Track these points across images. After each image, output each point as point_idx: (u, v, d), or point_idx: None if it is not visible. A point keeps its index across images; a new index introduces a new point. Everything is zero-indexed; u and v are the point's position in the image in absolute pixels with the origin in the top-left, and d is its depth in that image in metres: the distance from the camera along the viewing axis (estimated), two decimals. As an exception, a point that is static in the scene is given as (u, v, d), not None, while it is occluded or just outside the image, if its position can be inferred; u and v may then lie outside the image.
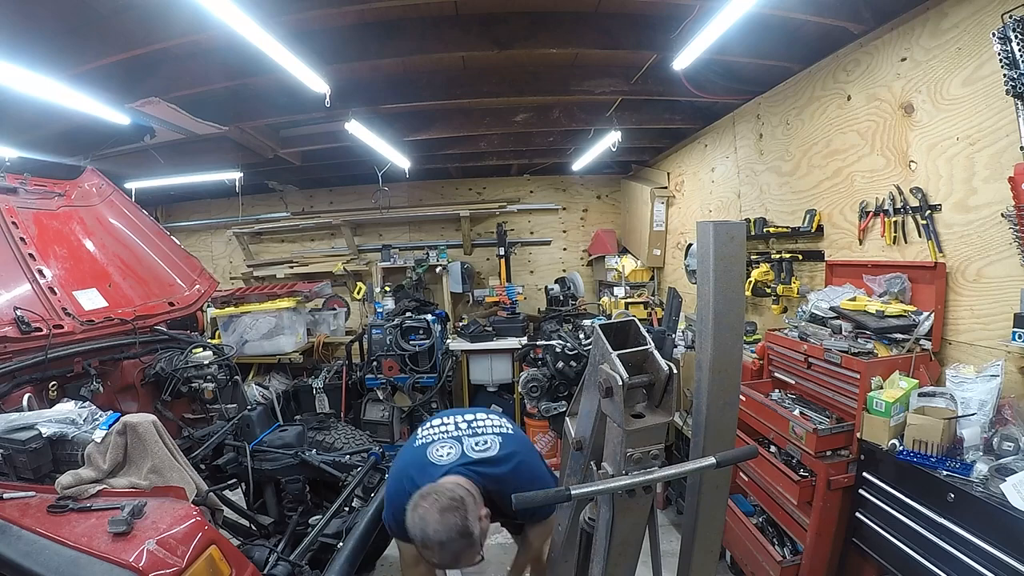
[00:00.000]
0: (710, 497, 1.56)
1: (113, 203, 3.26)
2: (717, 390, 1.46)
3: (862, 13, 2.43)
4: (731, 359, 1.46)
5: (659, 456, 1.31)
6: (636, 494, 1.31)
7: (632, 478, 1.26)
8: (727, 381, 1.47)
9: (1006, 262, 1.93)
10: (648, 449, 1.29)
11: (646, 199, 5.34)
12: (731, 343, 1.45)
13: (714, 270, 1.40)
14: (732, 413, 1.52)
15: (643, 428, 1.26)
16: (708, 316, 1.43)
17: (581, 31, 2.89)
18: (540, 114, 4.23)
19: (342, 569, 1.87)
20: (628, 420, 1.24)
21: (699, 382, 1.48)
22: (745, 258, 1.83)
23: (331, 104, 3.02)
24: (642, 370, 1.29)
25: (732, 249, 1.41)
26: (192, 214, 6.57)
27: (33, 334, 2.28)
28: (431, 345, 4.56)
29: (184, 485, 1.70)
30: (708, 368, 1.44)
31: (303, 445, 2.67)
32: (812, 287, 3.02)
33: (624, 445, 1.27)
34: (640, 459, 1.29)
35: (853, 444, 2.17)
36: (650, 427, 1.26)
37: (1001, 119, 1.89)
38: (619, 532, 1.41)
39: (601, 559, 1.43)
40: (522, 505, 1.26)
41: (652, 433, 1.28)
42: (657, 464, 1.31)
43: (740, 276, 1.46)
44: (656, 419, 1.27)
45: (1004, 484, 1.56)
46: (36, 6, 2.35)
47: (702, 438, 1.49)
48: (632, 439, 1.27)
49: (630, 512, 1.39)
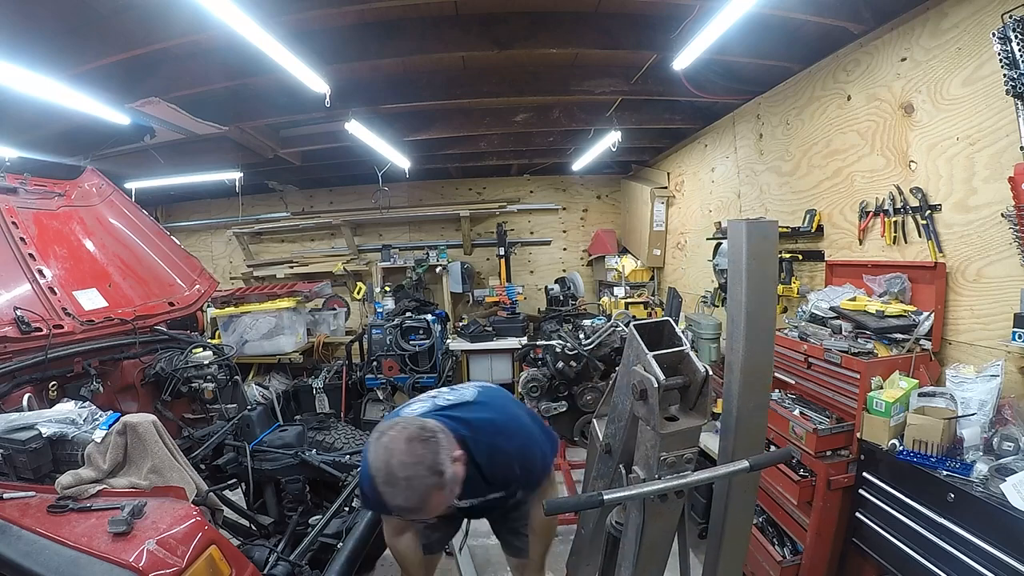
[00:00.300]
0: (739, 502, 1.52)
1: (113, 203, 3.25)
2: (748, 392, 1.43)
3: (862, 13, 2.43)
4: (763, 361, 1.44)
5: (693, 460, 1.29)
6: (668, 499, 1.29)
7: (666, 482, 1.24)
8: (759, 383, 1.44)
9: (1006, 262, 1.93)
10: (682, 453, 1.26)
11: (646, 199, 5.34)
12: (763, 344, 1.42)
13: (746, 270, 1.37)
14: (762, 416, 1.48)
15: (678, 432, 1.23)
16: (740, 317, 1.39)
17: (581, 31, 2.90)
18: (540, 114, 4.23)
19: (342, 569, 1.87)
20: (663, 423, 1.22)
21: (729, 384, 1.45)
22: (778, 258, 1.77)
23: (331, 104, 3.03)
24: (676, 371, 1.27)
25: (766, 248, 1.38)
26: (192, 214, 6.57)
27: (33, 334, 2.28)
28: (431, 345, 4.56)
29: (184, 485, 1.70)
30: (739, 370, 1.41)
31: (303, 445, 2.66)
32: (812, 287, 3.02)
33: (659, 449, 1.24)
34: (674, 463, 1.26)
35: (853, 444, 2.17)
36: (685, 430, 1.23)
37: (1001, 119, 1.89)
38: (649, 537, 1.38)
39: (630, 564, 1.40)
40: (553, 512, 1.20)
41: (687, 436, 1.25)
42: (691, 468, 1.28)
43: (773, 277, 1.44)
44: (691, 422, 1.24)
45: (1004, 484, 1.56)
46: (36, 6, 2.36)
47: (731, 441, 1.46)
48: (667, 443, 1.24)
49: (661, 517, 1.36)
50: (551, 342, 3.14)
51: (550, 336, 4.61)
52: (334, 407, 4.84)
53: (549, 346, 3.09)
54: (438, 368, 4.54)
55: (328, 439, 2.92)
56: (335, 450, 2.81)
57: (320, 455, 2.60)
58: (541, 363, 3.14)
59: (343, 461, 2.59)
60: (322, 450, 2.75)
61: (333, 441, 2.91)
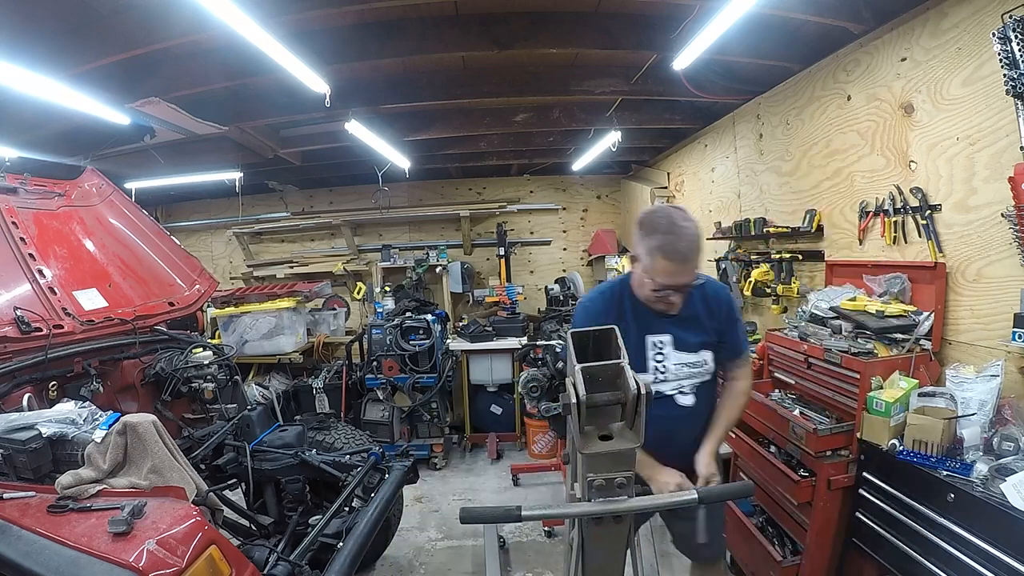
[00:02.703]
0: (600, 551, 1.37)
1: (113, 203, 3.25)
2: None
3: (862, 13, 2.43)
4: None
5: (625, 485, 1.16)
6: (604, 522, 1.20)
7: (593, 506, 1.15)
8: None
9: (1006, 262, 1.92)
10: (613, 476, 1.14)
11: (646, 199, 5.34)
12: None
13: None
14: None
15: (604, 453, 1.11)
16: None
17: (581, 31, 2.89)
18: (540, 114, 4.23)
19: (342, 569, 1.87)
20: (589, 443, 1.11)
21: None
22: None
23: (331, 104, 3.02)
24: (615, 386, 1.14)
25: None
26: (192, 214, 6.57)
27: (33, 334, 2.28)
28: (431, 345, 4.56)
29: (184, 485, 1.70)
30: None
31: (303, 445, 2.67)
32: (812, 287, 3.02)
33: (585, 469, 1.15)
34: (602, 486, 1.14)
35: (853, 444, 2.17)
36: (613, 452, 1.11)
37: (1001, 119, 1.89)
38: (592, 558, 1.32)
39: None
40: (469, 521, 1.21)
41: (616, 459, 1.13)
42: (625, 493, 1.17)
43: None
44: (621, 444, 1.11)
45: (1004, 484, 1.56)
46: (36, 6, 2.35)
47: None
48: (592, 464, 1.13)
49: (600, 539, 1.28)
50: (551, 342, 3.14)
51: (550, 336, 4.61)
52: (334, 407, 4.84)
53: (549, 346, 3.08)
54: (438, 368, 4.54)
55: (328, 439, 2.92)
56: (335, 450, 2.82)
57: (320, 455, 2.60)
58: (541, 363, 3.13)
59: (343, 461, 2.59)
60: (322, 450, 2.75)
61: (333, 441, 2.92)
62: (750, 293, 3.46)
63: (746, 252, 3.68)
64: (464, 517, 1.21)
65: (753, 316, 3.69)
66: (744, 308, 3.79)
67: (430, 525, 3.65)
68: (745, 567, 2.70)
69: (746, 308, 3.79)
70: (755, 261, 3.48)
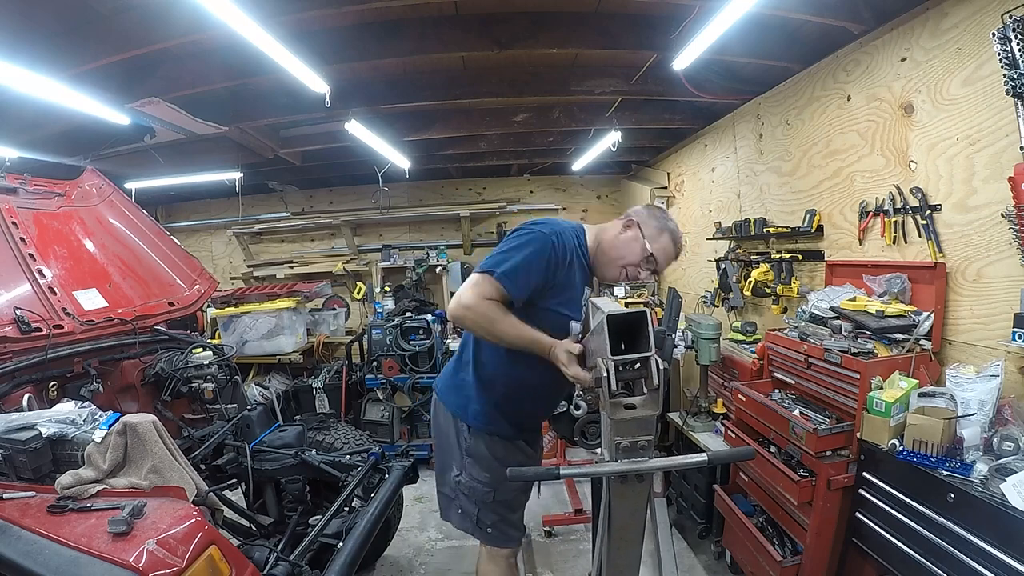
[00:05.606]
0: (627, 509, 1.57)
1: (113, 203, 3.25)
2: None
3: (862, 13, 2.43)
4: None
5: (648, 447, 1.37)
6: (629, 480, 1.39)
7: (620, 465, 1.35)
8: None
9: (1006, 262, 1.93)
10: (636, 439, 1.35)
11: (646, 199, 5.34)
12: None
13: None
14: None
15: (629, 419, 1.32)
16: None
17: (581, 31, 2.89)
18: (540, 114, 4.23)
19: (342, 569, 1.87)
20: (617, 411, 1.31)
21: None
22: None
23: (331, 104, 3.02)
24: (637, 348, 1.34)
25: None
26: (192, 214, 6.57)
27: (33, 334, 2.28)
28: (431, 345, 4.56)
29: (184, 485, 1.70)
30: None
31: (303, 445, 2.67)
32: (812, 287, 3.02)
33: (613, 433, 1.35)
34: (627, 448, 1.35)
35: (853, 444, 2.17)
36: (638, 419, 1.33)
37: (1001, 119, 1.89)
38: (618, 516, 1.51)
39: (605, 538, 1.55)
40: (515, 479, 1.39)
41: (640, 425, 1.34)
42: (646, 455, 1.38)
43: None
44: (644, 412, 1.33)
45: (1004, 484, 1.56)
46: (36, 6, 2.35)
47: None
48: (620, 428, 1.33)
49: (624, 498, 1.47)
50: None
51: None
52: (334, 407, 4.84)
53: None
54: (438, 368, 4.54)
55: (328, 439, 2.92)
56: (335, 450, 2.82)
57: (320, 455, 2.60)
58: (541, 363, 3.13)
59: (343, 461, 2.59)
60: (322, 450, 2.75)
61: (333, 441, 2.92)
62: (750, 293, 3.46)
63: (746, 252, 3.68)
64: (512, 476, 1.38)
65: (753, 316, 3.70)
66: (744, 308, 3.80)
67: (430, 525, 3.66)
68: (745, 567, 2.70)
69: (746, 308, 3.79)
70: (755, 261, 3.48)
